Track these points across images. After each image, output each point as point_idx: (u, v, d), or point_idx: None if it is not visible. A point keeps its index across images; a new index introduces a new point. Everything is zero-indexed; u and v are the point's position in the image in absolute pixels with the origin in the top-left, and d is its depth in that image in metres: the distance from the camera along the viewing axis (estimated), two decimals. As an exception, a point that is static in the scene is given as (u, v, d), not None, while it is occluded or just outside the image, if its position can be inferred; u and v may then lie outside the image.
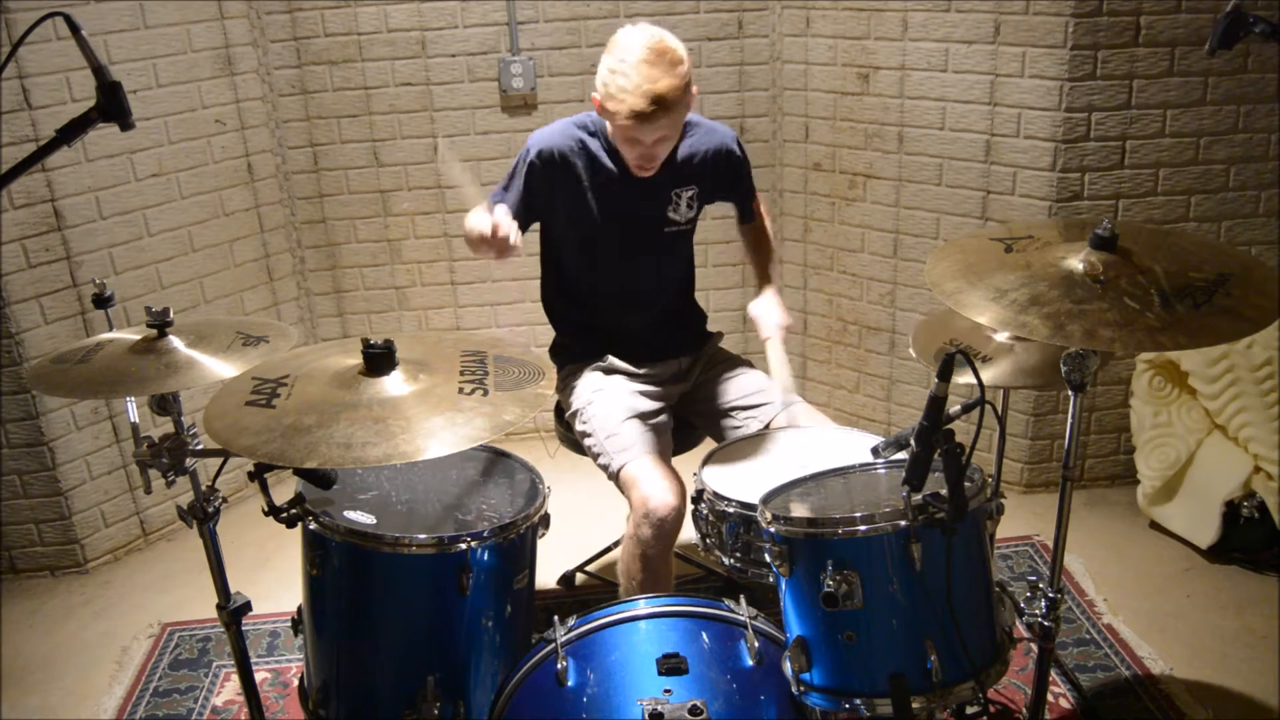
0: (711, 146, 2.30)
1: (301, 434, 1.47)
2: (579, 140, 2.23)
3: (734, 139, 2.34)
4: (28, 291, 2.78)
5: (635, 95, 1.98)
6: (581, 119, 2.27)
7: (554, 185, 2.25)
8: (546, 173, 2.23)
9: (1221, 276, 1.51)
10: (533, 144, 2.24)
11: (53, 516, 2.95)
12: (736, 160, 2.34)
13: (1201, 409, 2.82)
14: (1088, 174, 2.82)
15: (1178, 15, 2.66)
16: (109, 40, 2.81)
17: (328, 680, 1.82)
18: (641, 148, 2.11)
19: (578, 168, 2.23)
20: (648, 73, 1.98)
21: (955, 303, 1.54)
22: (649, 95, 1.98)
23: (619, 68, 2.01)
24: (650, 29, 2.05)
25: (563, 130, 2.25)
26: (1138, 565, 2.79)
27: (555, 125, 2.28)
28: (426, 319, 3.53)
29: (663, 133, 2.07)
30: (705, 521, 1.95)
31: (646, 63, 1.98)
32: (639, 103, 1.98)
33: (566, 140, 2.23)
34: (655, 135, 2.07)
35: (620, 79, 2.00)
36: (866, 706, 1.50)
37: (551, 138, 2.24)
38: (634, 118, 2.01)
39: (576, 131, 2.24)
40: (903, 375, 3.32)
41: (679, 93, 2.02)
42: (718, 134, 2.32)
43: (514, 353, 1.80)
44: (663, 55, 2.00)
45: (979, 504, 1.55)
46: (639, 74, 1.98)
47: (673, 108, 2.02)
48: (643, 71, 1.98)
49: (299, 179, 3.34)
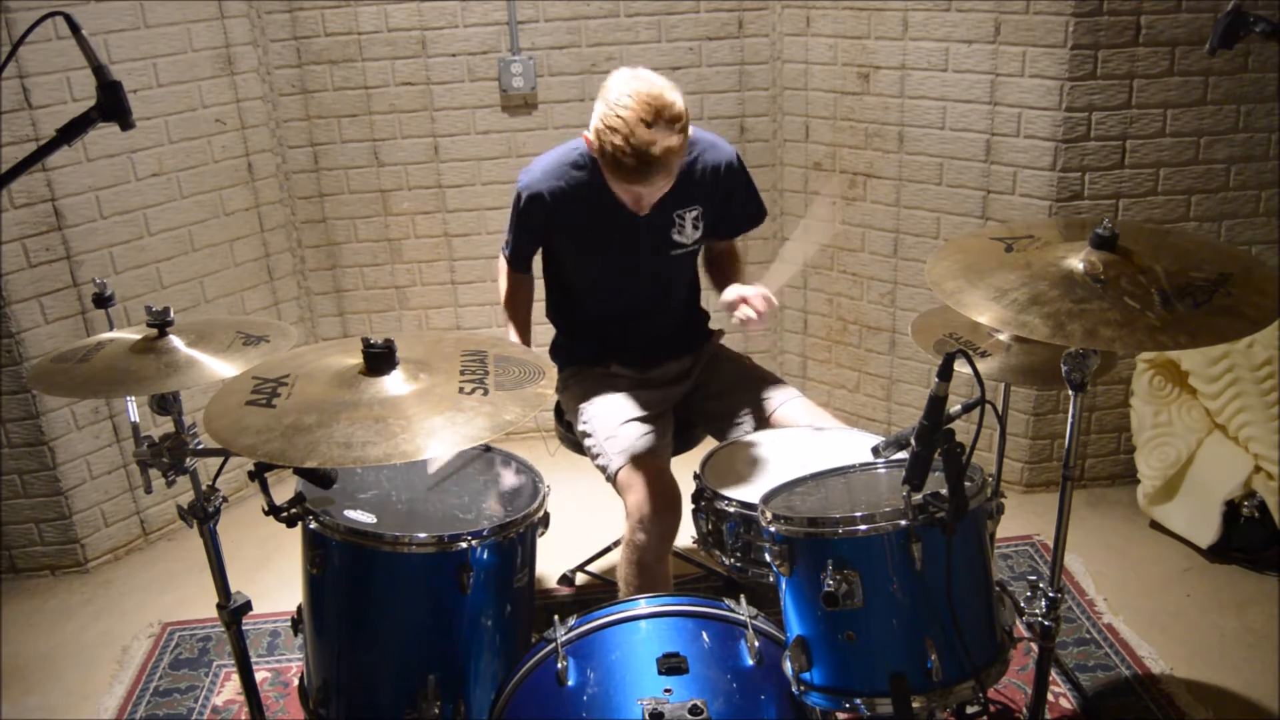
0: (711, 163, 2.21)
1: (302, 433, 1.47)
2: (569, 177, 2.15)
3: (735, 155, 2.24)
4: (28, 291, 2.78)
5: (636, 159, 1.88)
6: (568, 153, 2.17)
7: (550, 225, 2.21)
8: (541, 215, 2.18)
9: (1222, 276, 1.51)
10: (522, 188, 2.18)
11: (53, 516, 2.95)
12: (737, 174, 2.25)
13: (1202, 408, 2.82)
14: (1088, 173, 2.82)
15: (1178, 15, 2.66)
16: (109, 40, 2.81)
17: (328, 679, 1.82)
18: (634, 196, 2.04)
19: (572, 205, 2.16)
20: (645, 136, 1.87)
21: (956, 302, 1.54)
22: (648, 160, 1.89)
23: (615, 124, 1.89)
24: (645, 75, 1.94)
25: (549, 170, 2.16)
26: (1138, 565, 2.79)
27: (543, 162, 2.19)
28: (426, 318, 3.53)
29: (661, 185, 2.00)
30: (705, 521, 1.95)
31: (644, 123, 1.87)
32: (640, 167, 1.90)
33: (556, 180, 2.15)
34: (653, 189, 2.00)
35: (617, 139, 1.89)
36: (867, 706, 1.50)
37: (539, 180, 2.16)
38: (633, 180, 1.93)
39: (566, 170, 2.16)
40: (903, 375, 3.32)
41: (676, 154, 1.93)
42: (719, 151, 2.22)
43: (514, 352, 1.80)
44: (660, 113, 1.88)
45: (979, 503, 1.55)
46: (637, 136, 1.87)
47: (671, 168, 1.95)
48: (641, 135, 1.87)
49: (299, 178, 3.33)
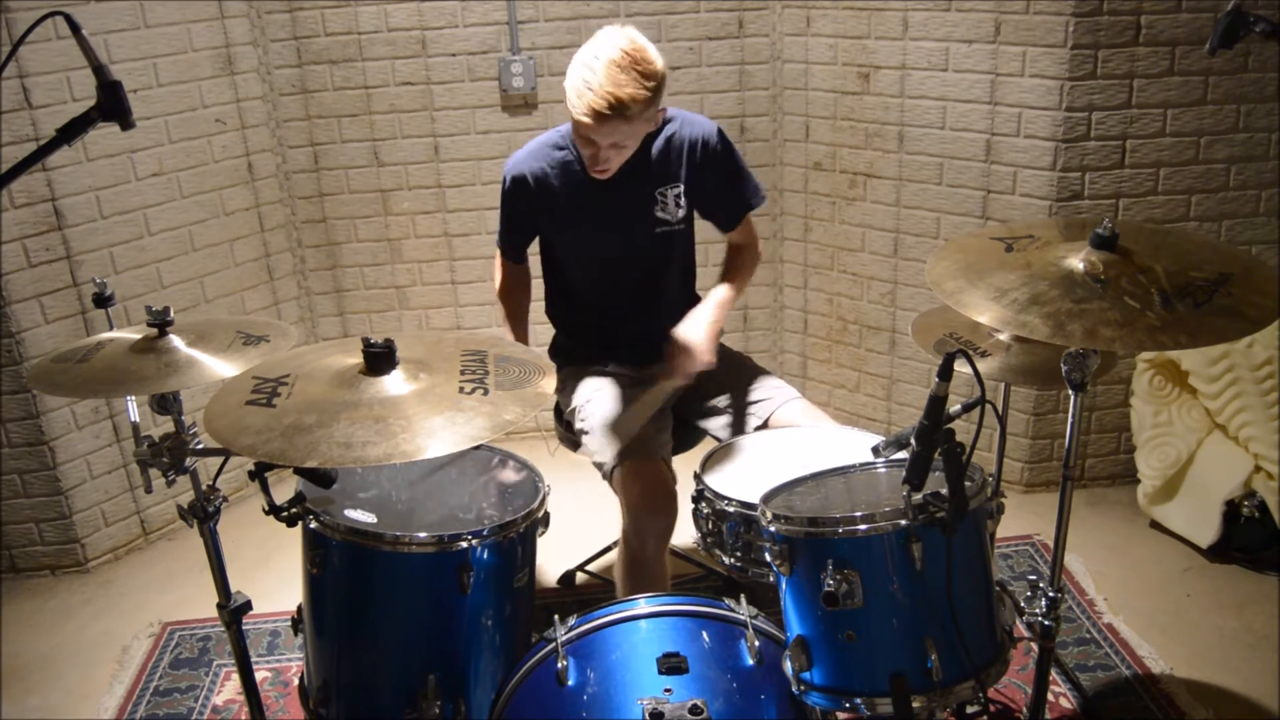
0: (688, 138, 2.22)
1: (302, 433, 1.47)
2: (550, 158, 2.21)
3: (715, 130, 2.23)
4: (28, 291, 2.78)
5: (596, 95, 1.94)
6: (551, 136, 2.24)
7: (534, 207, 2.25)
8: (523, 197, 2.23)
9: (1222, 276, 1.51)
10: (506, 171, 2.24)
11: (53, 516, 2.95)
12: (717, 151, 2.23)
13: (1202, 408, 2.82)
14: (1088, 173, 2.81)
15: (1178, 15, 2.66)
16: (109, 40, 2.81)
17: (328, 679, 1.82)
18: (593, 149, 2.06)
19: (554, 185, 2.21)
20: (615, 76, 1.94)
21: (956, 302, 1.54)
22: (609, 99, 1.94)
23: (590, 63, 1.97)
24: (633, 34, 2.01)
25: (532, 152, 2.23)
26: (1138, 565, 2.79)
27: (527, 146, 2.26)
28: (427, 318, 3.53)
29: (617, 139, 2.03)
30: (705, 521, 1.95)
31: (617, 66, 1.95)
32: (598, 103, 1.94)
33: (537, 161, 2.22)
34: (609, 140, 2.03)
35: (587, 73, 1.96)
36: (867, 706, 1.50)
37: (521, 162, 2.23)
38: (590, 116, 1.97)
39: (548, 151, 2.22)
40: (903, 375, 3.32)
41: (641, 104, 1.97)
42: (697, 125, 2.23)
43: (515, 352, 1.80)
44: (636, 63, 1.96)
45: (979, 503, 1.55)
46: (606, 75, 1.94)
47: (632, 118, 1.98)
48: (610, 74, 1.94)
49: (299, 178, 3.33)
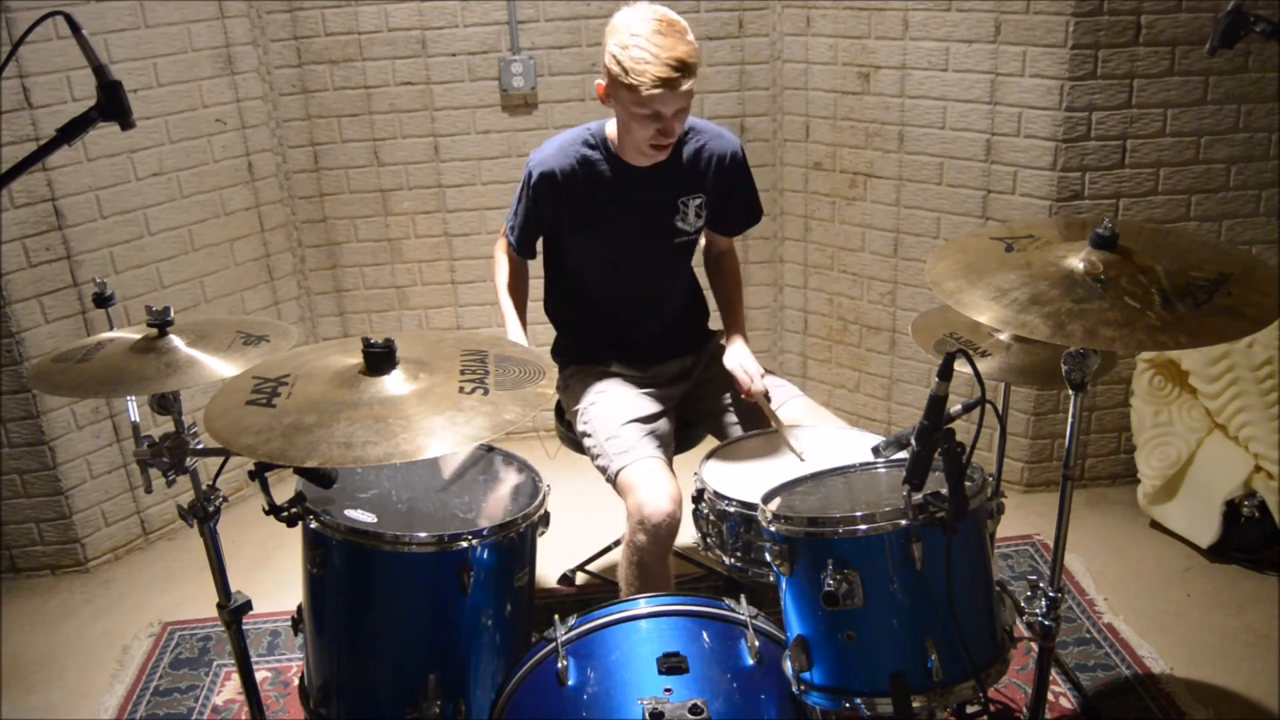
0: (718, 151, 2.25)
1: (302, 433, 1.47)
2: (580, 156, 2.21)
3: (739, 147, 2.29)
4: (28, 291, 2.78)
5: (657, 64, 1.97)
6: (580, 133, 2.24)
7: (559, 204, 2.23)
8: (550, 193, 2.21)
9: (1222, 276, 1.51)
10: (533, 165, 2.22)
11: (53, 515, 2.95)
12: (741, 166, 2.29)
13: (1202, 408, 2.82)
14: (1088, 173, 2.81)
15: (1178, 15, 2.66)
16: (109, 39, 2.81)
17: (328, 679, 1.82)
18: (661, 122, 2.06)
19: (581, 184, 2.21)
20: (664, 41, 1.98)
21: (956, 302, 1.54)
22: (671, 61, 1.97)
23: (631, 43, 2.00)
24: (652, 5, 2.06)
25: (562, 148, 2.22)
26: (1138, 565, 2.79)
27: (555, 142, 2.25)
28: (427, 318, 3.53)
29: (683, 102, 2.05)
30: (705, 521, 1.95)
31: (660, 33, 1.99)
32: (663, 70, 1.97)
33: (567, 158, 2.21)
34: (676, 105, 2.04)
35: (636, 51, 1.99)
36: (867, 706, 1.50)
37: (551, 158, 2.21)
38: (660, 84, 1.98)
39: (578, 147, 2.22)
40: (903, 374, 3.32)
41: (697, 59, 2.03)
42: (725, 140, 2.27)
43: (515, 352, 1.80)
44: (672, 25, 2.02)
45: (979, 503, 1.55)
46: (655, 44, 1.98)
47: (694, 72, 2.02)
48: (658, 41, 1.98)
49: (299, 178, 3.33)
